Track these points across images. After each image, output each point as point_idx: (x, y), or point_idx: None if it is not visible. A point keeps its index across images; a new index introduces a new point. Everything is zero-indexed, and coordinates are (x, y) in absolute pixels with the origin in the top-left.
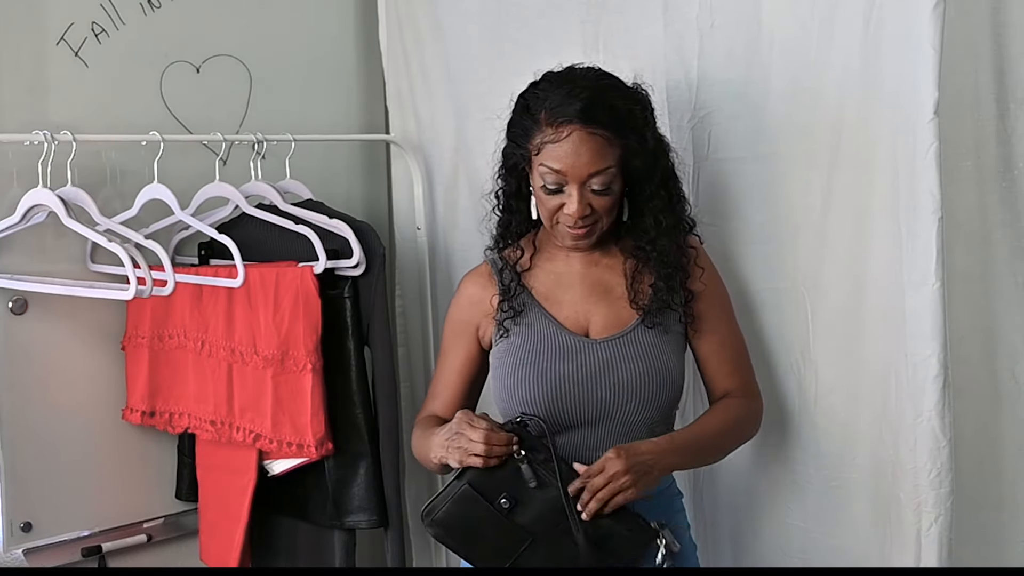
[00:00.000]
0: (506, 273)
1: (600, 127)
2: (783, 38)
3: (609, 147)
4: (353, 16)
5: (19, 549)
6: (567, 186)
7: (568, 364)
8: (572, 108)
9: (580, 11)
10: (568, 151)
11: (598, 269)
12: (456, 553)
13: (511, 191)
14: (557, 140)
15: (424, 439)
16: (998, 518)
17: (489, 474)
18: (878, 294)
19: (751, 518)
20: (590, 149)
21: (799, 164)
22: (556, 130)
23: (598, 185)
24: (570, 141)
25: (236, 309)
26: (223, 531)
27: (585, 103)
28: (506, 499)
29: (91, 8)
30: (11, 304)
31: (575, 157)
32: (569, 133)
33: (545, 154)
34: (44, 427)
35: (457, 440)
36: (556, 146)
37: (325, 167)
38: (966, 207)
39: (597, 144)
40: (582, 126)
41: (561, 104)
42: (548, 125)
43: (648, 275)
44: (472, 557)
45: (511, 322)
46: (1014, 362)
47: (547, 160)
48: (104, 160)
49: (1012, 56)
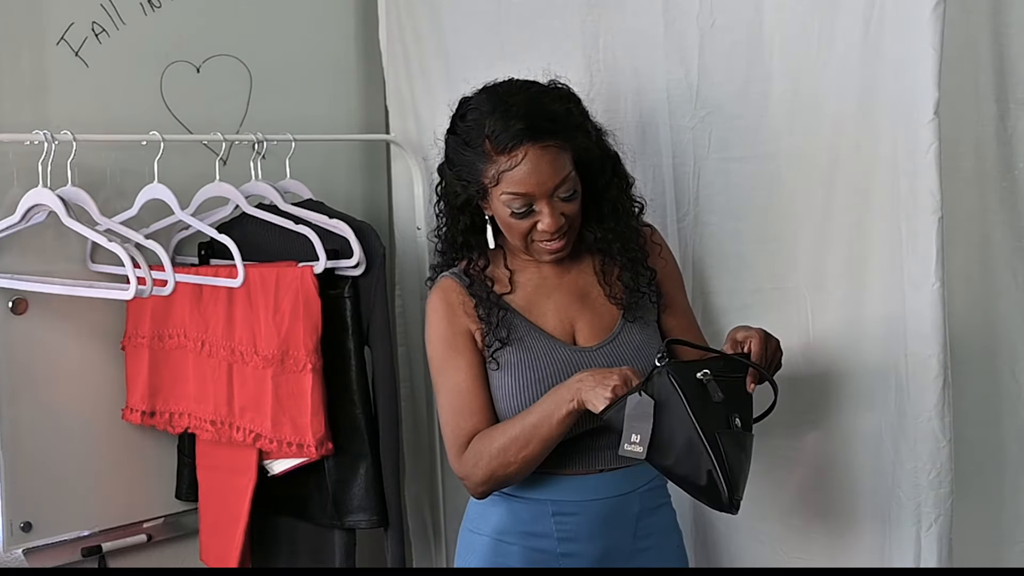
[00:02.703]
0: (477, 286)
1: (550, 137)
2: (784, 38)
3: (563, 152)
4: (353, 16)
5: (19, 549)
6: (536, 204)
7: (568, 368)
8: (516, 128)
9: (580, 11)
10: (528, 171)
11: (571, 274)
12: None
13: (464, 228)
14: (513, 165)
15: (512, 424)
16: (998, 518)
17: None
18: (878, 294)
19: (750, 518)
20: (548, 162)
21: (799, 164)
22: (509, 156)
23: (564, 192)
24: (528, 161)
25: (236, 309)
26: (223, 531)
27: (526, 120)
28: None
29: (91, 8)
30: (11, 304)
31: (537, 175)
32: (524, 154)
33: (506, 183)
34: (44, 427)
35: (604, 379)
36: (515, 171)
37: (325, 167)
38: (966, 207)
39: (552, 155)
40: (532, 143)
41: (503, 129)
42: (500, 154)
43: (615, 267)
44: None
45: (501, 343)
46: (1014, 362)
47: (509, 187)
48: (104, 160)
49: (1012, 56)
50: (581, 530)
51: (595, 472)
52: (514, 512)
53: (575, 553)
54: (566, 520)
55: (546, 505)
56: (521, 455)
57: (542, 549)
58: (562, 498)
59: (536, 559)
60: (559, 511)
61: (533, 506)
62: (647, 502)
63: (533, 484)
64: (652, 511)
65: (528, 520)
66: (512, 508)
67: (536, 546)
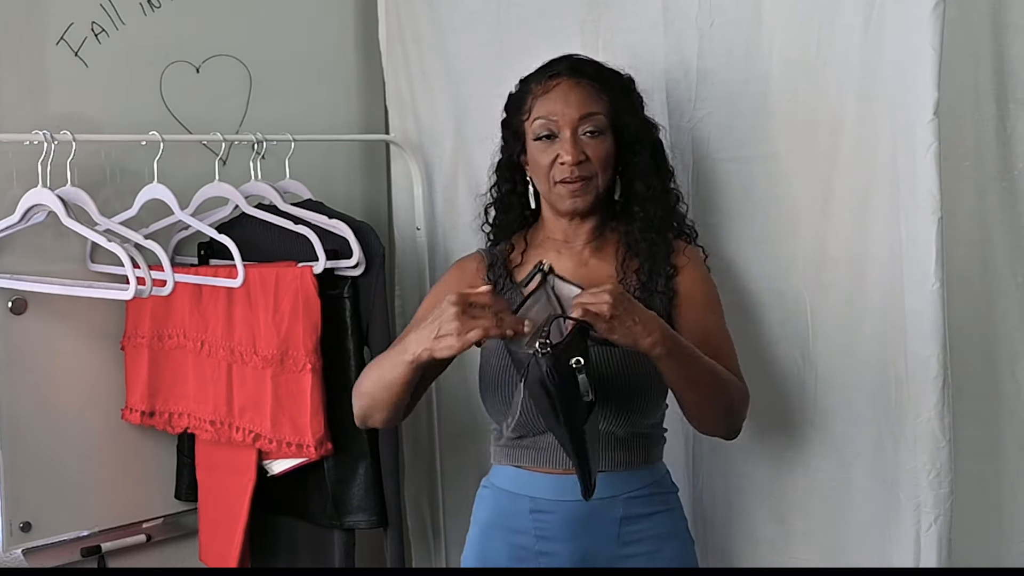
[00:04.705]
0: (497, 269)
1: (587, 78)
2: (783, 38)
3: (597, 96)
4: (353, 16)
5: (19, 549)
6: (560, 132)
7: None
8: (559, 65)
9: (580, 11)
10: (557, 97)
11: (588, 267)
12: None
13: (508, 187)
14: (547, 92)
15: (380, 360)
16: (998, 518)
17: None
18: (878, 294)
19: (750, 518)
20: (578, 95)
21: (799, 164)
22: (545, 85)
23: (590, 127)
24: (559, 89)
25: (236, 309)
26: (223, 531)
27: (571, 60)
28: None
29: (91, 8)
30: (11, 304)
31: (564, 103)
32: (558, 83)
33: (537, 109)
34: (44, 427)
35: (453, 319)
36: (546, 97)
37: (325, 167)
38: (966, 207)
39: (584, 91)
40: (569, 76)
41: (548, 67)
42: (537, 86)
43: (636, 260)
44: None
45: None
46: (1014, 362)
47: (539, 113)
48: (104, 160)
49: (1012, 56)
50: (557, 530)
51: (572, 471)
52: (500, 506)
53: (552, 552)
54: (543, 518)
55: (525, 501)
56: (366, 388)
57: (522, 545)
58: (540, 495)
59: (518, 555)
60: (536, 508)
61: (515, 501)
62: (634, 508)
63: (515, 479)
64: (641, 517)
65: (510, 515)
66: (498, 501)
67: (516, 542)
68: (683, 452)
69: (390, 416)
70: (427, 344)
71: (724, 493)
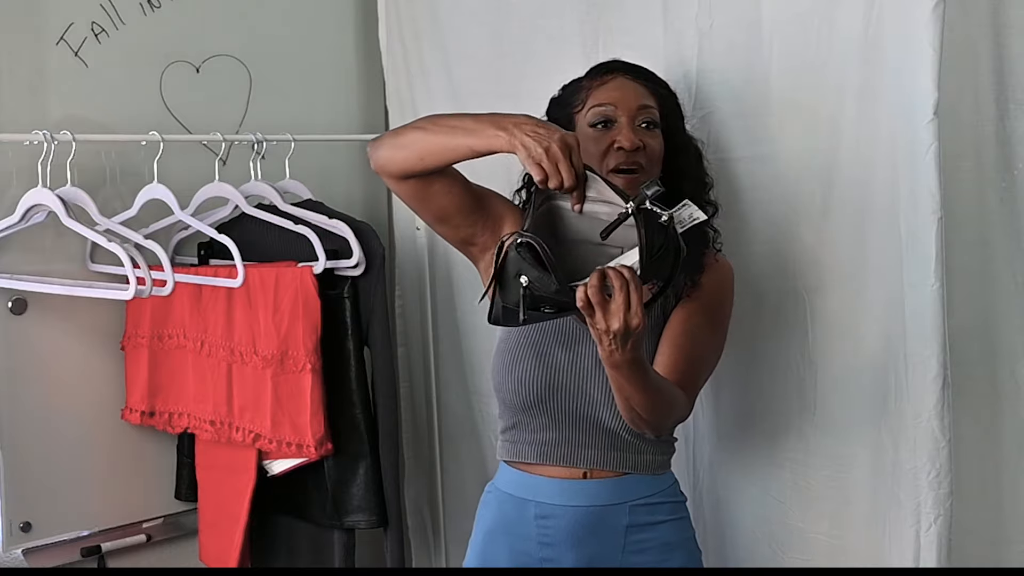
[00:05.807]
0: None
1: (641, 77)
2: (783, 38)
3: (652, 95)
4: (353, 16)
5: (19, 549)
6: (618, 118)
7: (567, 353)
8: (614, 64)
9: (580, 11)
10: (616, 87)
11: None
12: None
13: None
14: (603, 84)
15: (437, 120)
16: (998, 518)
17: None
18: (878, 294)
19: (751, 518)
20: (635, 89)
21: (799, 164)
22: (601, 79)
23: (647, 118)
24: (616, 82)
25: (236, 309)
26: (223, 531)
27: (624, 62)
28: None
29: (91, 8)
30: (10, 304)
31: (622, 92)
32: (614, 77)
33: (592, 98)
34: (44, 427)
35: (561, 155)
36: (603, 88)
37: (325, 167)
38: (966, 207)
39: (641, 88)
40: (625, 73)
41: (600, 66)
42: (592, 80)
43: None
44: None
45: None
46: (1014, 362)
47: (595, 101)
48: (104, 160)
49: (1012, 56)
50: (562, 536)
51: (579, 475)
52: (504, 510)
53: (555, 559)
54: (548, 523)
55: (530, 506)
56: (409, 142)
57: (524, 551)
58: (545, 500)
59: (520, 561)
60: (541, 513)
61: (519, 505)
62: (641, 516)
63: (521, 483)
64: (648, 527)
65: (514, 520)
66: (503, 506)
67: (519, 547)
68: (683, 452)
69: (412, 170)
70: (529, 143)
71: (724, 492)
